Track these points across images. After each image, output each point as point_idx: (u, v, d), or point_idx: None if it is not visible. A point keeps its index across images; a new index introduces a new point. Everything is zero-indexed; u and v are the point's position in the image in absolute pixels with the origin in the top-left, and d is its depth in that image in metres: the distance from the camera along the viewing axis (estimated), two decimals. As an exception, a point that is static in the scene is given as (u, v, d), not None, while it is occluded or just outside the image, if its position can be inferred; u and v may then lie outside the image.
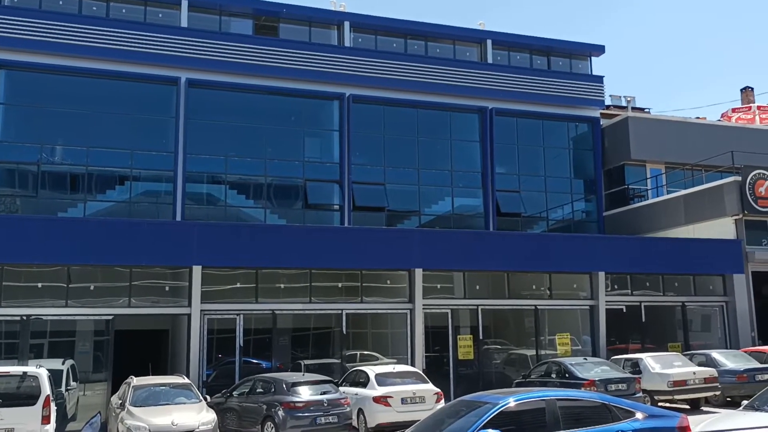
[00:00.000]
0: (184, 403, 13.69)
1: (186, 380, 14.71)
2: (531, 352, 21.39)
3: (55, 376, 17.22)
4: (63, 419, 17.12)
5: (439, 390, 15.43)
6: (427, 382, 15.71)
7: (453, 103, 27.35)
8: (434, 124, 27.36)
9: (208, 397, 14.93)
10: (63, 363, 17.77)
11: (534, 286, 21.94)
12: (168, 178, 23.71)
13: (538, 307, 21.51)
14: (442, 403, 15.12)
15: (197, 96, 24.35)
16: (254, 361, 19.32)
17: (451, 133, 27.61)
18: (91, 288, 17.46)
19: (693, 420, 8.64)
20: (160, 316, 19.31)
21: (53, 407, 13.14)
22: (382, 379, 15.30)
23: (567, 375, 16.67)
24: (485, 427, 7.34)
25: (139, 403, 13.39)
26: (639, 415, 7.87)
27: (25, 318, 16.73)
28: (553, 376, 17.21)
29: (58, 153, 23.00)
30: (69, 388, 17.56)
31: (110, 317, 17.38)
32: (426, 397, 15.04)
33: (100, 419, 16.80)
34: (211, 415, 13.24)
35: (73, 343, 19.07)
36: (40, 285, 17.08)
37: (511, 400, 7.77)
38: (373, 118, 26.48)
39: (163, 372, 19.15)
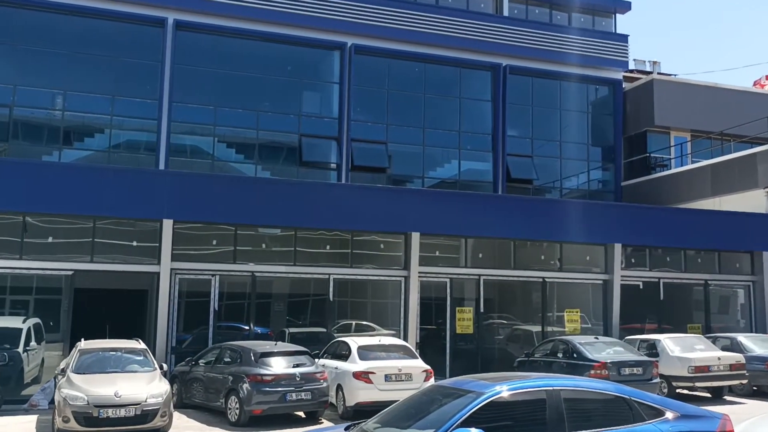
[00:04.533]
0: (135, 372, 12.01)
1: (141, 345, 13.00)
2: (537, 329, 19.61)
3: (12, 336, 15.72)
4: (18, 383, 15.63)
5: (428, 367, 13.67)
6: (416, 358, 13.97)
7: (464, 58, 25.21)
8: (442, 81, 25.30)
9: (164, 365, 13.25)
10: (24, 321, 16.22)
11: (543, 257, 20.07)
12: (151, 128, 21.86)
13: (547, 279, 19.63)
14: (431, 382, 13.37)
15: (185, 39, 22.39)
16: (245, 327, 17.67)
17: (460, 91, 25.55)
18: (50, 240, 15.76)
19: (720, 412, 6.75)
20: (136, 275, 17.62)
21: (-16, 371, 11.48)
22: (365, 353, 13.56)
23: (575, 355, 14.87)
24: (464, 424, 5.52)
25: (82, 369, 11.70)
26: (669, 415, 6.00)
27: (-27, 270, 15.08)
28: (560, 355, 15.44)
29: (31, 97, 21.14)
30: (28, 348, 16.03)
31: (70, 272, 15.69)
32: (413, 374, 13.29)
33: (54, 385, 15.34)
34: (163, 386, 11.54)
35: (59, 301, 17.50)
36: (-9, 235, 15.40)
37: (500, 389, 5.93)
38: (376, 72, 24.44)
39: (139, 335, 17.59)
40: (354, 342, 13.99)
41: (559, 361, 15.21)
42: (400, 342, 14.94)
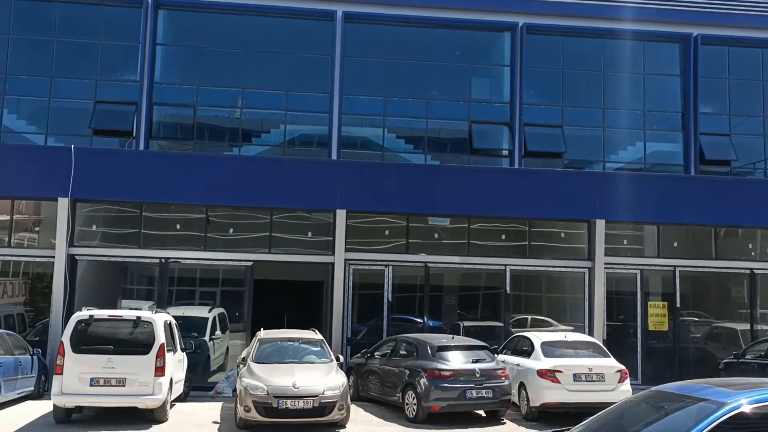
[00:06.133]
0: (312, 363, 11.81)
1: (318, 336, 12.83)
2: (742, 327, 17.37)
3: (199, 324, 16.37)
4: (204, 370, 16.24)
5: (622, 366, 12.33)
6: (608, 356, 12.65)
7: (648, 30, 22.91)
8: (624, 56, 23.16)
9: (340, 356, 12.99)
10: (209, 311, 16.86)
11: (750, 246, 17.70)
12: (323, 122, 22.02)
13: (756, 271, 17.27)
14: (626, 384, 12.05)
15: (354, 31, 22.24)
16: (417, 319, 17.29)
17: (644, 67, 23.25)
18: (230, 232, 16.20)
19: None
20: (311, 266, 17.77)
21: (172, 357, 11.80)
22: (550, 349, 12.47)
23: (799, 358, 12.78)
24: (706, 441, 4.43)
25: (262, 359, 11.69)
26: None
27: (163, 261, 15.83)
28: (778, 358, 13.38)
29: (211, 97, 22.03)
30: (214, 337, 16.63)
31: (249, 263, 16.02)
32: (606, 374, 12.01)
33: (236, 373, 15.74)
34: (340, 379, 11.21)
35: (242, 292, 18.19)
36: (178, 226, 16.11)
37: (748, 399, 4.74)
38: (550, 51, 22.86)
39: (314, 326, 17.77)
40: (537, 337, 12.95)
41: (778, 365, 13.20)
42: (588, 339, 13.69)
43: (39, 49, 20.60)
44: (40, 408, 12.25)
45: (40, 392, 13.69)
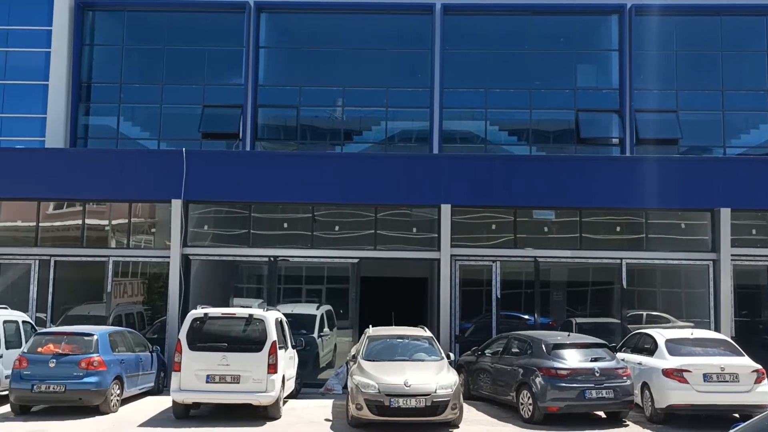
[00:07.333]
0: (423, 360, 11.57)
1: (427, 333, 12.57)
2: None
3: (308, 322, 16.54)
4: (314, 367, 16.37)
5: (759, 366, 11.37)
6: (742, 355, 11.71)
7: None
8: (742, 34, 21.67)
9: (451, 354, 12.67)
10: (317, 308, 17.02)
11: None
12: (423, 117, 21.78)
13: None
14: (763, 385, 11.11)
15: (453, 23, 21.87)
16: (524, 316, 16.77)
17: (767, 43, 21.70)
18: (336, 229, 16.24)
19: None
20: (416, 262, 17.59)
21: (284, 354, 11.86)
22: (676, 347, 11.68)
23: None
24: None
25: (372, 356, 11.55)
26: None
27: (272, 259, 16.05)
28: None
29: (313, 97, 22.24)
30: (322, 334, 16.76)
31: (355, 260, 16.00)
32: (740, 374, 11.11)
33: (346, 370, 15.75)
34: (452, 377, 10.91)
35: (347, 290, 18.31)
36: (285, 225, 16.31)
37: None
38: (660, 32, 21.68)
39: (419, 323, 17.57)
40: (660, 335, 12.17)
41: None
42: (717, 336, 12.73)
43: (150, 58, 21.45)
44: (160, 404, 12.64)
45: (160, 388, 14.15)
